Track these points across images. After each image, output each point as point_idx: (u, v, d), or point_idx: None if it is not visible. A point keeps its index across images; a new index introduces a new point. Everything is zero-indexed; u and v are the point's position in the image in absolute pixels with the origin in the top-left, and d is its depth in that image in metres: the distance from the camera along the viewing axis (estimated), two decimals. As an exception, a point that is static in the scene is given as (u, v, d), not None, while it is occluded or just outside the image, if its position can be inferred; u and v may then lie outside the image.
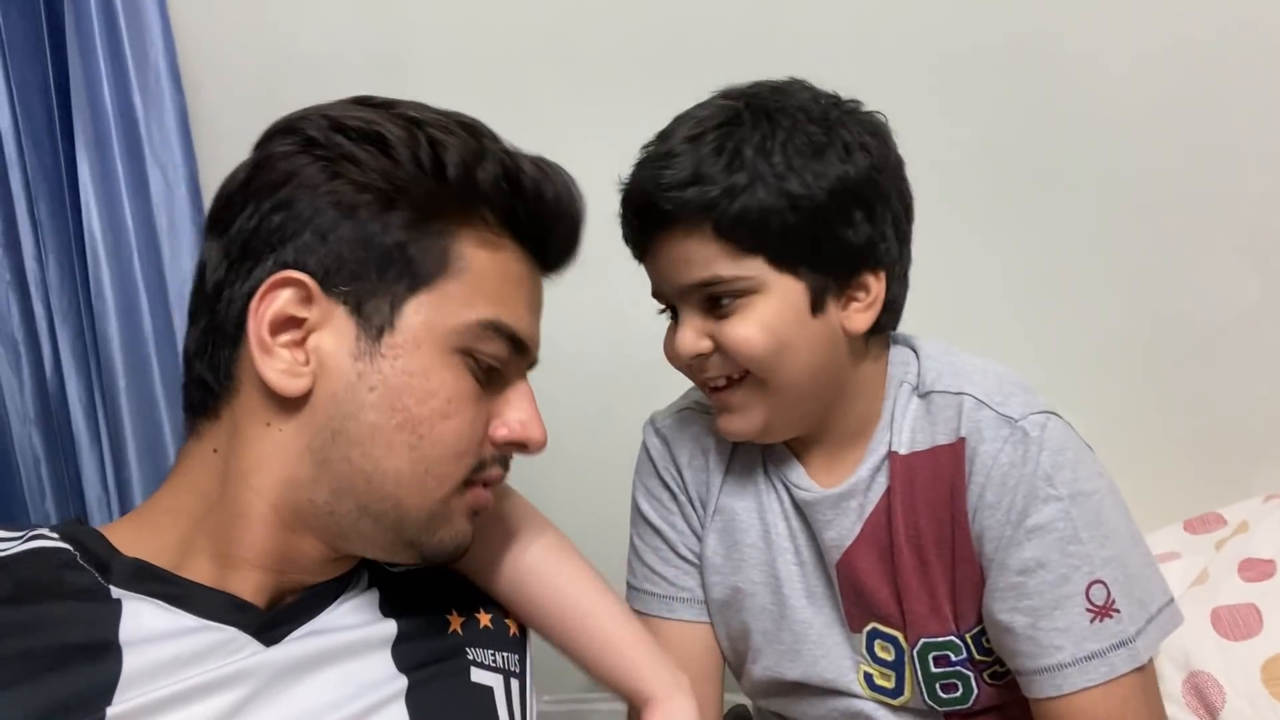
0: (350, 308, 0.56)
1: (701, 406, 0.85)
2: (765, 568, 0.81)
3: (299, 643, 0.57)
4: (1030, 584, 0.70)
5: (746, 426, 0.76)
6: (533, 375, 0.64)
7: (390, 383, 0.56)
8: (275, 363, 0.55)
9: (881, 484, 0.76)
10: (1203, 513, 1.14)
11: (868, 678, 0.79)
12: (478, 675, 0.65)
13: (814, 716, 0.84)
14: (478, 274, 0.58)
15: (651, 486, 0.86)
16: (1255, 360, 1.22)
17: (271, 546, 0.57)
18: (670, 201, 0.70)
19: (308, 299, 0.55)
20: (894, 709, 0.80)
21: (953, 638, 0.76)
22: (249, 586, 0.57)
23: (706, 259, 0.71)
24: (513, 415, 0.61)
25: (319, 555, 0.59)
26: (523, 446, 0.62)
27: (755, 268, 0.71)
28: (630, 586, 0.87)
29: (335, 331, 0.56)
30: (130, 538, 0.56)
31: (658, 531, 0.85)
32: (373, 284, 0.56)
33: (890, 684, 0.79)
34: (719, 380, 0.75)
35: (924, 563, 0.75)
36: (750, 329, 0.71)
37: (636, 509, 0.87)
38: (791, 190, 0.69)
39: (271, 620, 0.57)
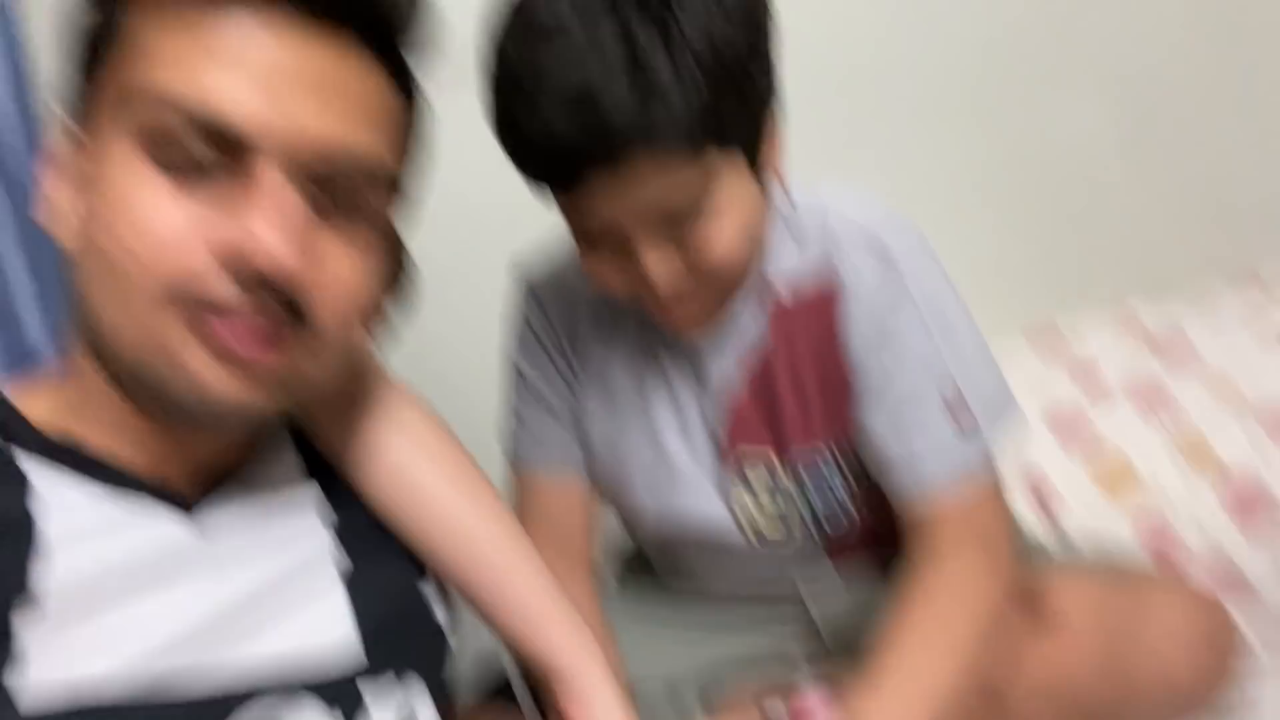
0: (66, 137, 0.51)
1: (569, 265, 0.82)
2: (642, 416, 0.82)
3: (219, 514, 0.55)
4: (890, 389, 0.74)
5: (704, 320, 0.74)
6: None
7: (81, 210, 0.49)
8: (53, 212, 0.52)
9: (758, 319, 0.77)
10: (1041, 322, 1.23)
11: (742, 507, 0.81)
12: None
13: (696, 557, 0.87)
14: (149, 40, 0.47)
15: (528, 348, 0.85)
16: (1092, 184, 1.30)
17: (134, 418, 0.52)
18: (616, 139, 0.60)
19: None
20: (766, 544, 0.82)
21: (821, 444, 0.78)
22: (149, 460, 0.54)
23: (665, 172, 0.62)
24: (241, 224, 0.46)
25: (178, 431, 0.54)
26: (242, 263, 0.46)
27: (709, 157, 0.64)
28: (508, 445, 0.87)
29: (81, 156, 0.51)
30: (33, 405, 0.53)
31: (535, 391, 0.84)
32: (77, 103, 0.51)
33: (765, 506, 0.80)
34: (678, 291, 0.68)
35: (799, 383, 0.77)
36: (728, 228, 0.66)
37: (515, 371, 0.86)
38: (722, 59, 0.61)
39: (187, 491, 0.55)
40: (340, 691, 0.55)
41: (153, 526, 0.52)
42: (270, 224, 0.46)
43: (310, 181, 0.49)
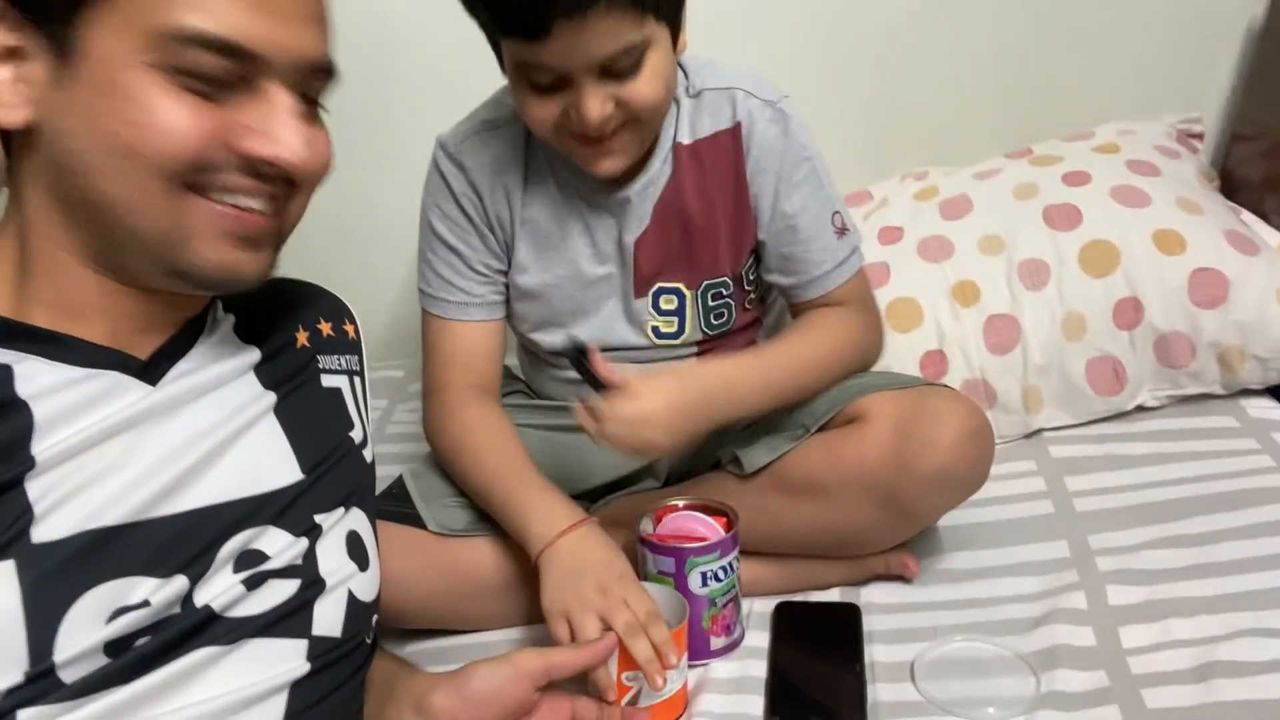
0: (42, 32, 0.56)
1: (489, 124, 0.95)
2: (567, 263, 0.97)
3: (176, 381, 0.63)
4: (800, 222, 0.95)
5: (625, 162, 0.88)
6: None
7: (92, 109, 0.55)
8: None
9: (668, 171, 0.93)
10: (855, 189, 1.43)
11: (654, 329, 0.99)
12: (327, 380, 0.75)
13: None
14: None
15: (447, 210, 0.96)
16: (906, 63, 1.48)
17: (95, 297, 0.61)
18: None
19: (13, 26, 0.56)
20: (657, 348, 1.00)
21: (726, 277, 0.98)
22: (107, 335, 0.61)
23: (618, 30, 0.77)
24: (257, 132, 0.58)
25: (146, 302, 0.62)
26: (273, 164, 0.59)
27: (649, 25, 0.80)
28: (424, 292, 0.99)
29: (38, 59, 0.56)
30: None
31: (454, 250, 0.96)
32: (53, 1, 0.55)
33: (673, 328, 0.99)
34: (604, 132, 0.83)
35: (711, 225, 0.95)
36: (656, 84, 0.82)
37: (430, 227, 0.97)
38: None
39: (147, 363, 0.63)
40: (299, 520, 0.67)
41: (121, 396, 0.60)
42: (289, 129, 0.59)
43: (297, 86, 0.61)
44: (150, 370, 0.63)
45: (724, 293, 0.99)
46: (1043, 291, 1.21)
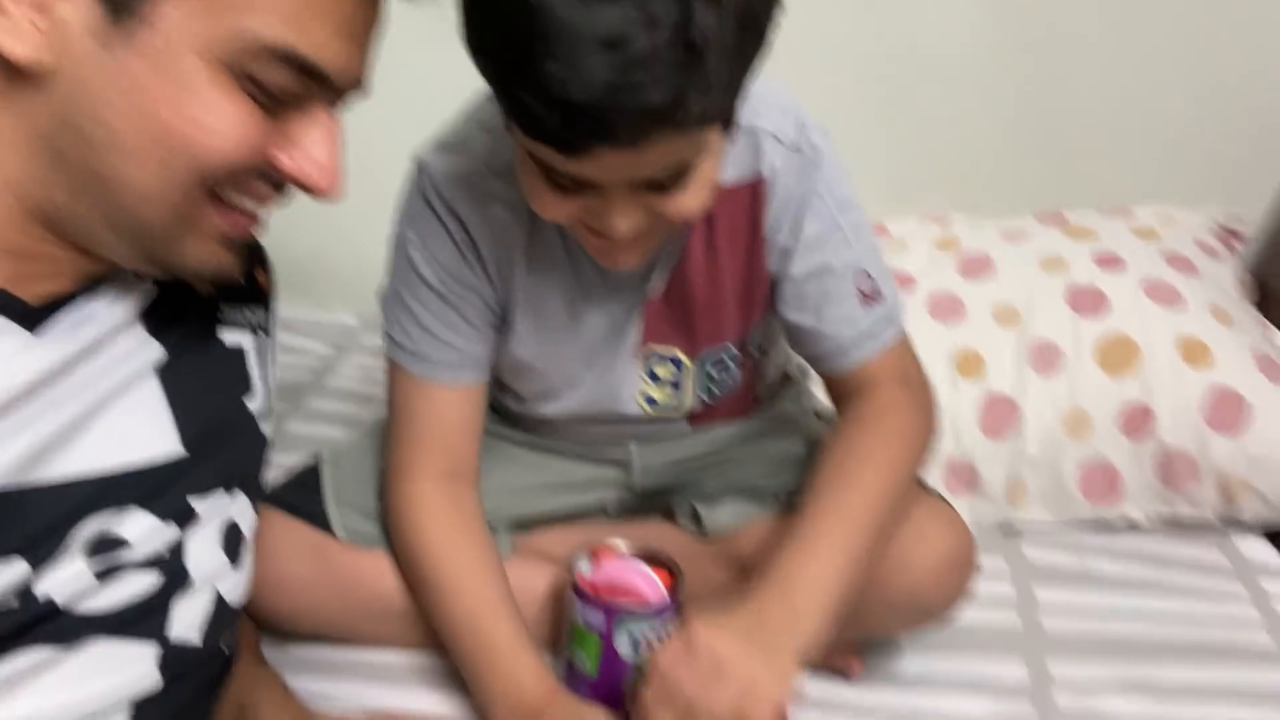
0: None
1: (489, 171, 0.76)
2: (572, 335, 0.82)
3: (63, 333, 0.55)
4: (813, 287, 0.79)
5: (644, 260, 0.74)
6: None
7: (140, 84, 0.49)
8: (3, 20, 0.48)
9: (681, 230, 0.77)
10: (872, 224, 1.32)
11: (648, 399, 0.85)
12: (227, 335, 0.66)
13: (583, 435, 0.90)
14: None
15: (442, 257, 0.78)
16: (947, 96, 1.38)
17: (21, 241, 0.53)
18: (649, 123, 0.56)
19: None
20: (651, 419, 0.87)
21: (730, 344, 0.84)
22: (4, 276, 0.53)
23: (674, 151, 0.61)
24: (299, 151, 0.54)
25: (72, 258, 0.55)
26: (303, 184, 0.56)
27: (709, 134, 0.63)
28: (399, 345, 0.82)
29: (80, 3, 0.49)
30: None
31: (447, 301, 0.79)
32: None
33: (669, 399, 0.86)
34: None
35: (717, 290, 0.80)
36: (701, 195, 0.66)
37: (414, 270, 0.79)
38: (745, 56, 0.59)
39: (35, 309, 0.54)
40: (170, 503, 0.59)
41: (14, 358, 0.53)
42: (328, 156, 0.55)
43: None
44: (34, 316, 0.54)
45: (726, 360, 0.86)
46: (1051, 379, 1.12)
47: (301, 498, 0.86)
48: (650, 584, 0.82)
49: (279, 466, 0.87)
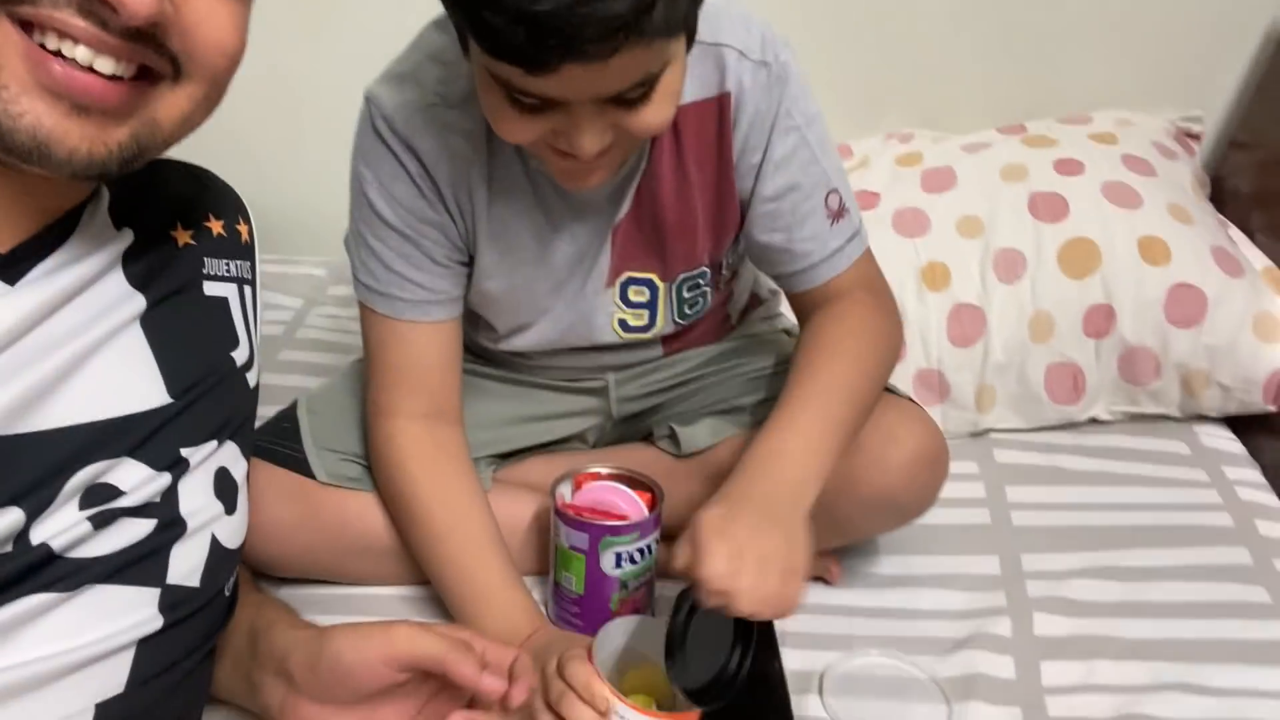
0: None
1: (441, 101, 0.75)
2: (540, 263, 0.82)
3: (39, 281, 0.55)
4: (783, 206, 0.79)
5: (609, 179, 0.74)
6: None
7: None
8: None
9: (644, 151, 0.77)
10: (836, 144, 1.31)
11: (621, 323, 0.86)
12: (211, 288, 0.66)
13: (559, 368, 0.91)
14: None
15: (399, 193, 0.77)
16: (906, 14, 1.37)
17: None
18: (613, 34, 0.55)
19: None
20: (625, 344, 0.88)
21: (704, 267, 0.85)
22: None
23: (640, 63, 0.60)
24: None
25: (4, 194, 0.53)
26: (109, 4, 0.47)
27: (674, 44, 0.63)
28: (367, 287, 0.81)
29: None
30: None
31: (409, 239, 0.78)
32: None
33: (643, 322, 0.86)
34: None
35: (688, 210, 0.80)
36: (666, 107, 0.65)
37: (372, 209, 0.78)
38: None
39: (6, 258, 0.54)
40: (161, 452, 0.59)
41: None
42: None
43: None
44: (8, 267, 0.54)
45: (701, 283, 0.86)
46: (1015, 285, 1.14)
47: (280, 444, 0.87)
48: (631, 503, 0.84)
49: (257, 418, 0.88)
